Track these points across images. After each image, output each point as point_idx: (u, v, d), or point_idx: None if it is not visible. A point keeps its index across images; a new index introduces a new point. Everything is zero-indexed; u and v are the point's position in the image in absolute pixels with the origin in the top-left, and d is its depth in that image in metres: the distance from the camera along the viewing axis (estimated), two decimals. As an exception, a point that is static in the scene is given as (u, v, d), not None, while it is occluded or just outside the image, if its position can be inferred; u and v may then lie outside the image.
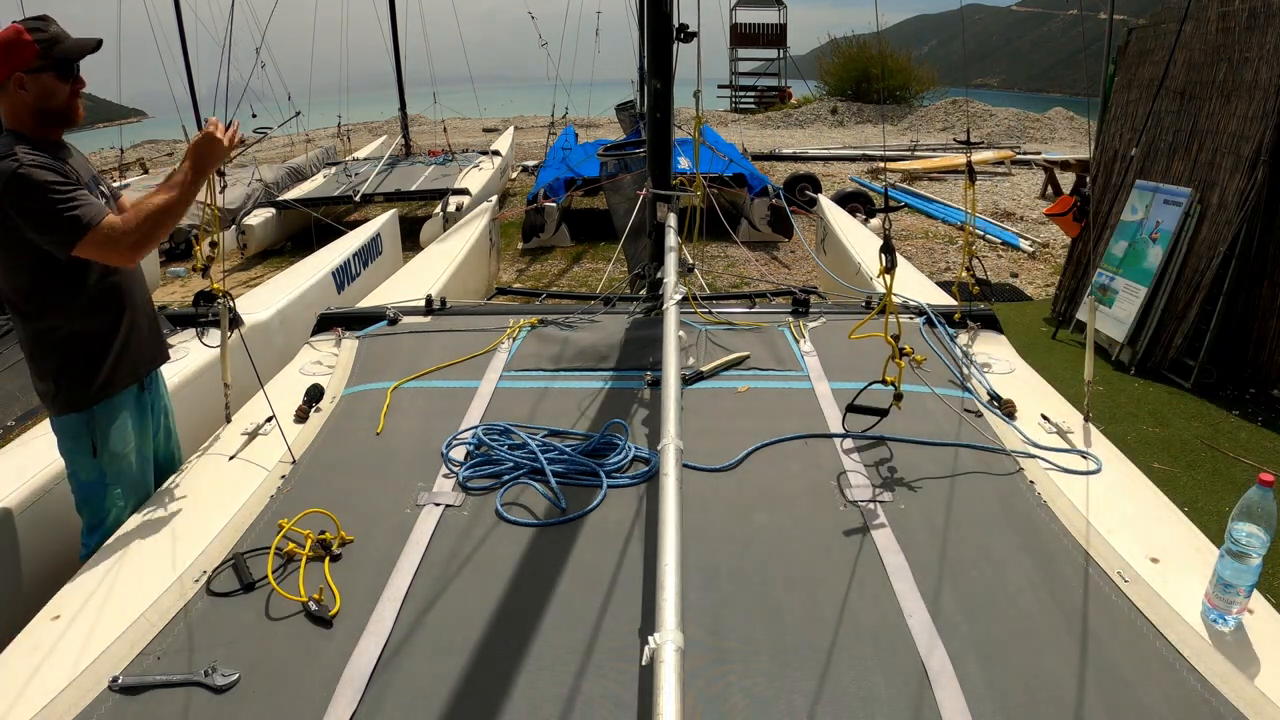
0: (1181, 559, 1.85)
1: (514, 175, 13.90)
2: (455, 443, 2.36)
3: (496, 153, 12.33)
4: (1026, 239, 9.16)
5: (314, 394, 2.69)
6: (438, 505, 2.07)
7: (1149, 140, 5.82)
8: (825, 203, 6.97)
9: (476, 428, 2.41)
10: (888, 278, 2.14)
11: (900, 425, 2.37)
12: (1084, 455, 2.29)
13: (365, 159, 12.66)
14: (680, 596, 1.32)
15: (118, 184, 10.87)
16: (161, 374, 2.58)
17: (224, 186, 2.63)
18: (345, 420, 2.58)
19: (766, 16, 29.50)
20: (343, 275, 5.48)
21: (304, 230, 9.20)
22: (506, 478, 2.18)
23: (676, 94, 3.22)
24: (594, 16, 14.80)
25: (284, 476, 2.26)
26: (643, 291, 3.52)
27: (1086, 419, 2.50)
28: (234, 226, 9.05)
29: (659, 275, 3.20)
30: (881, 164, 14.31)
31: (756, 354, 2.94)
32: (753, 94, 29.17)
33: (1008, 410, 2.54)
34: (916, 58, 27.07)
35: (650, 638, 1.23)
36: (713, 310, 3.38)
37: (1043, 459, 2.28)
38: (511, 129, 16.83)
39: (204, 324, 3.64)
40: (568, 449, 2.27)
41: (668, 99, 3.14)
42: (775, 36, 29.45)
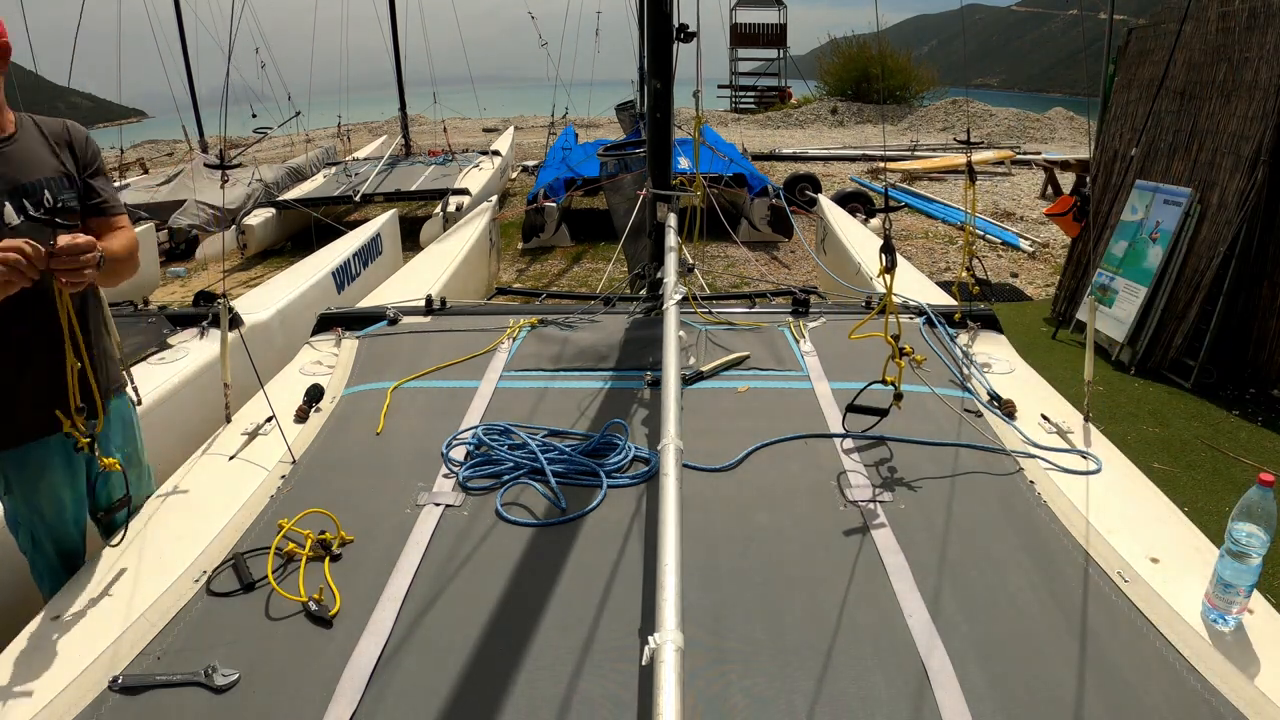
0: (1181, 559, 1.84)
1: (514, 175, 13.90)
2: (455, 443, 2.36)
3: (496, 153, 12.33)
4: (1026, 239, 9.16)
5: (314, 394, 2.69)
6: (438, 505, 2.07)
7: (1149, 140, 5.82)
8: (825, 203, 6.97)
9: (476, 428, 2.41)
10: (888, 278, 2.14)
11: (900, 425, 2.37)
12: (1084, 455, 2.29)
13: (365, 159, 12.67)
14: (680, 596, 1.32)
15: (118, 184, 10.88)
16: (121, 408, 2.24)
17: (225, 183, 2.60)
18: (345, 420, 2.58)
19: (766, 16, 29.52)
20: (343, 275, 5.48)
21: (304, 230, 9.21)
22: (506, 478, 2.18)
23: (676, 94, 3.22)
24: (594, 16, 14.83)
25: (284, 476, 2.26)
26: (643, 291, 3.52)
27: (1086, 419, 2.50)
28: (234, 226, 9.06)
29: (659, 275, 3.20)
30: (881, 164, 14.31)
31: (756, 354, 2.94)
32: (753, 94, 29.17)
33: (1008, 410, 2.54)
34: (916, 58, 27.08)
35: (650, 638, 1.23)
36: (713, 310, 3.38)
37: (1043, 459, 2.28)
38: (511, 129, 16.83)
39: (204, 325, 3.62)
40: (568, 449, 2.27)
41: (668, 99, 3.14)
42: (775, 36, 29.45)
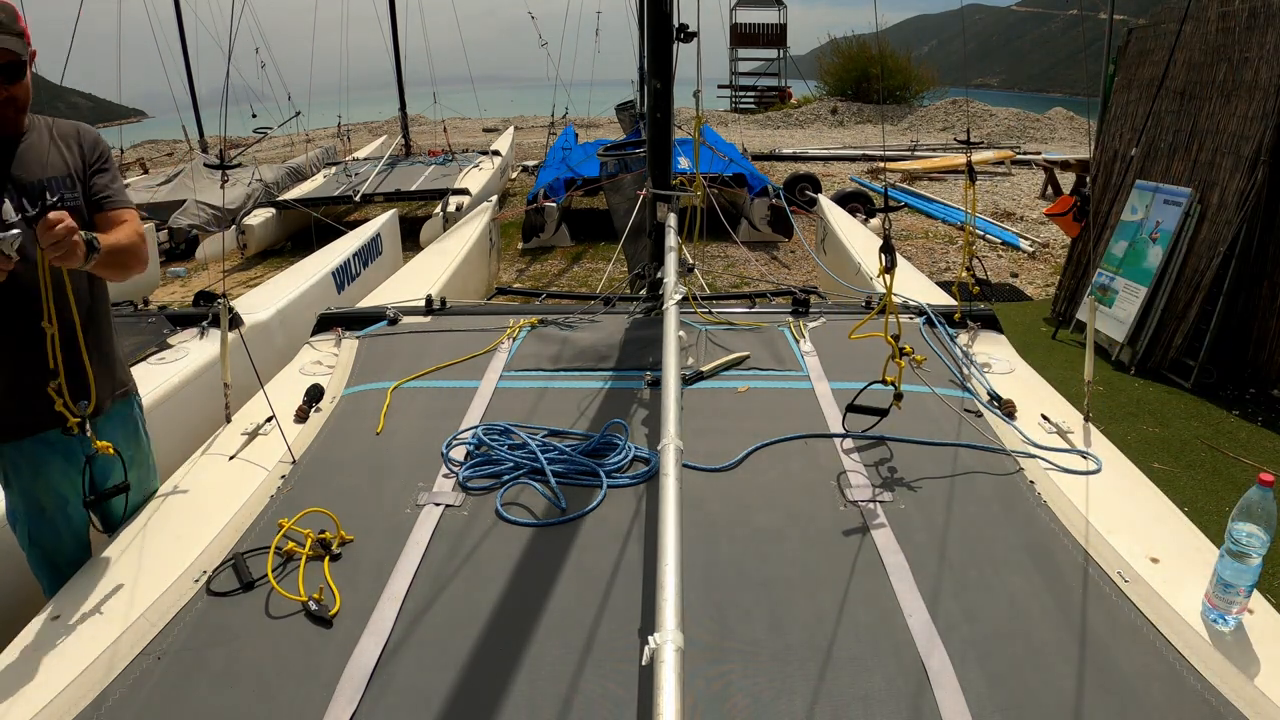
0: (1181, 559, 1.84)
1: (514, 175, 13.90)
2: (455, 443, 2.36)
3: (496, 153, 12.33)
4: (1026, 239, 9.16)
5: (314, 394, 2.69)
6: (438, 505, 2.07)
7: (1149, 140, 5.82)
8: (825, 203, 6.97)
9: (476, 428, 2.41)
10: (888, 278, 2.14)
11: (900, 425, 2.37)
12: (1084, 455, 2.29)
13: (365, 159, 12.67)
14: (680, 596, 1.32)
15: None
16: (126, 411, 2.26)
17: (224, 183, 2.64)
18: (345, 420, 2.58)
19: (766, 16, 29.50)
20: (343, 275, 5.48)
21: (304, 230, 9.21)
22: (506, 478, 2.18)
23: (676, 94, 3.22)
24: (594, 16, 14.84)
25: (284, 476, 2.26)
26: (643, 291, 3.52)
27: (1086, 419, 2.50)
28: (234, 226, 9.06)
29: (659, 275, 3.20)
30: (881, 164, 14.31)
31: (756, 354, 2.94)
32: (753, 94, 29.16)
33: (1008, 410, 2.54)
34: (916, 58, 27.08)
35: (650, 638, 1.23)
36: (713, 310, 3.38)
37: (1043, 459, 2.28)
38: (511, 129, 16.83)
39: (204, 325, 3.62)
40: (568, 449, 2.27)
41: (668, 99, 3.14)
42: (775, 36, 29.44)
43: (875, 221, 8.87)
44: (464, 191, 9.43)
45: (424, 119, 17.73)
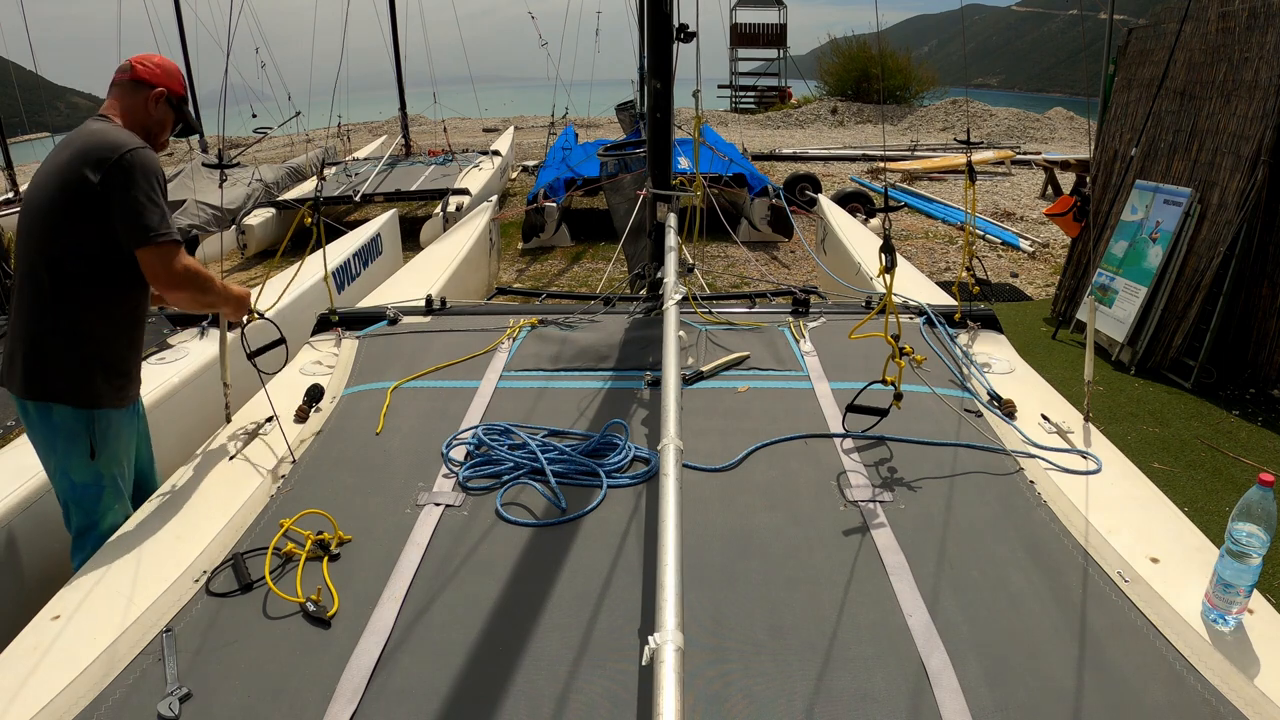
0: (1181, 559, 1.84)
1: (514, 175, 13.90)
2: (455, 443, 2.36)
3: (496, 153, 12.33)
4: (1026, 239, 9.16)
5: (314, 394, 2.69)
6: (438, 505, 2.07)
7: (1149, 140, 5.82)
8: (825, 203, 6.97)
9: (476, 428, 2.41)
10: (888, 278, 2.14)
11: (900, 425, 2.37)
12: (1084, 455, 2.29)
13: (365, 159, 12.67)
14: (680, 596, 1.32)
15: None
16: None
17: (223, 182, 2.75)
18: (345, 420, 2.58)
19: (766, 16, 29.52)
20: (343, 275, 5.48)
21: (304, 230, 9.19)
22: (506, 478, 2.18)
23: (676, 94, 3.22)
24: (594, 16, 14.84)
25: (284, 476, 2.26)
26: (643, 291, 3.52)
27: (1086, 419, 2.50)
28: (234, 226, 9.05)
29: (659, 275, 3.20)
30: (881, 164, 14.31)
31: (756, 354, 2.94)
32: (753, 94, 29.17)
33: (1008, 410, 2.54)
34: (916, 58, 27.09)
35: (650, 638, 1.23)
36: (713, 310, 3.38)
37: (1043, 459, 2.28)
38: (511, 129, 16.83)
39: (204, 325, 3.66)
40: (568, 449, 2.27)
41: (668, 99, 3.14)
42: (775, 36, 29.45)
43: (875, 221, 8.87)
44: (464, 191, 9.43)
45: (424, 119, 17.74)
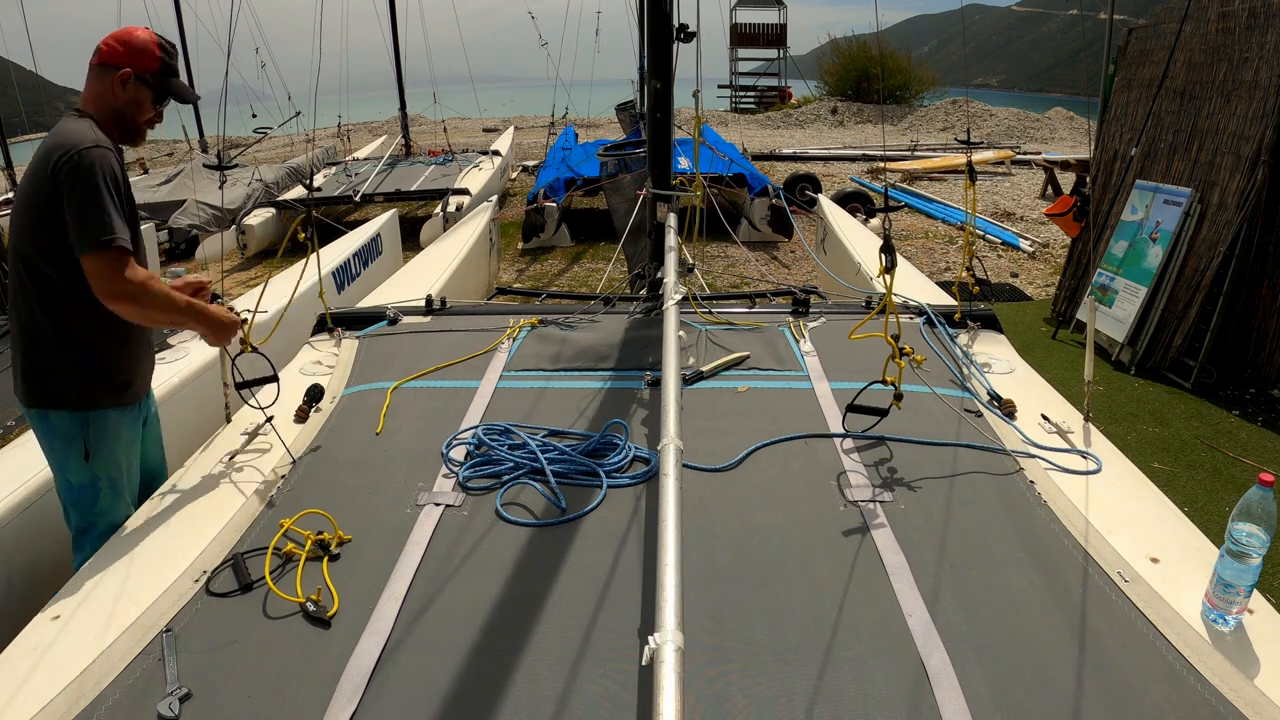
0: (1181, 559, 1.84)
1: (514, 175, 13.90)
2: (455, 443, 2.36)
3: (496, 153, 12.34)
4: (1026, 239, 9.16)
5: (314, 394, 2.69)
6: (438, 505, 2.07)
7: (1149, 140, 5.82)
8: (825, 203, 6.97)
9: (476, 428, 2.41)
10: (888, 278, 2.14)
11: (900, 425, 2.37)
12: (1084, 455, 2.29)
13: (365, 159, 12.67)
14: (680, 596, 1.32)
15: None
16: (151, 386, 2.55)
17: (223, 183, 2.71)
18: (345, 420, 2.58)
19: (766, 16, 29.52)
20: (343, 275, 5.48)
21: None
22: (506, 478, 2.18)
23: (676, 94, 3.23)
24: (594, 16, 14.84)
25: (284, 476, 2.26)
26: (643, 291, 3.52)
27: (1086, 419, 2.50)
28: (234, 226, 9.06)
29: (659, 275, 3.20)
30: (881, 164, 14.31)
31: (756, 354, 2.94)
32: (753, 94, 29.17)
33: (1008, 410, 2.54)
34: (916, 58, 27.10)
35: (650, 638, 1.23)
36: (713, 310, 3.38)
37: (1043, 459, 2.28)
38: (511, 129, 16.83)
39: None
40: (568, 449, 2.26)
41: (668, 99, 3.15)
42: (775, 36, 29.45)
43: (875, 221, 8.87)
44: (464, 191, 9.43)
45: (424, 119, 17.73)
